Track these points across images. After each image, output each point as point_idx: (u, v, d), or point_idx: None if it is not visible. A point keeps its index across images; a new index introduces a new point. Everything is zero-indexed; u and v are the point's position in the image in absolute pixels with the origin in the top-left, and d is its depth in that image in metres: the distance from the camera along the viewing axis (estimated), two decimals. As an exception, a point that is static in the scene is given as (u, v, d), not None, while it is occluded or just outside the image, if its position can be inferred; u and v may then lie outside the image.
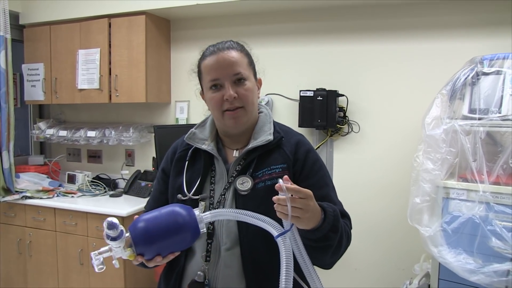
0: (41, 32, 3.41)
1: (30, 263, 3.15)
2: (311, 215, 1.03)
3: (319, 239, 1.07)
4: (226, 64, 1.23)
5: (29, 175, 3.41)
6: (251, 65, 1.30)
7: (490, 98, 1.96)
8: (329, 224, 1.07)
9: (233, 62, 1.23)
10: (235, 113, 1.24)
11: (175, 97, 3.40)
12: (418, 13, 2.64)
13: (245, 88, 1.24)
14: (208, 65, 1.25)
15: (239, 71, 1.23)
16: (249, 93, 1.25)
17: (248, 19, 3.08)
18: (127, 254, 1.01)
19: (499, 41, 2.41)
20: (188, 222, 1.03)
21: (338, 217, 1.12)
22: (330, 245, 1.11)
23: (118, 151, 3.64)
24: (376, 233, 2.79)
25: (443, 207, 2.00)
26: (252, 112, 1.29)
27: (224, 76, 1.23)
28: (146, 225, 1.02)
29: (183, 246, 1.07)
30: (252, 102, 1.27)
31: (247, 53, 1.30)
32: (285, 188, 0.97)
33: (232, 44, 1.28)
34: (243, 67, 1.25)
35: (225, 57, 1.23)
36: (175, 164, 1.35)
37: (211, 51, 1.26)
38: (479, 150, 1.90)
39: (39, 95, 3.45)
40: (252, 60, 1.31)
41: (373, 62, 2.78)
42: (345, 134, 2.87)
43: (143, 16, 3.05)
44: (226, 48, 1.25)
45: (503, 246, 1.79)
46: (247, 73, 1.26)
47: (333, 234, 1.09)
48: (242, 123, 1.27)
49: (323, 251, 1.12)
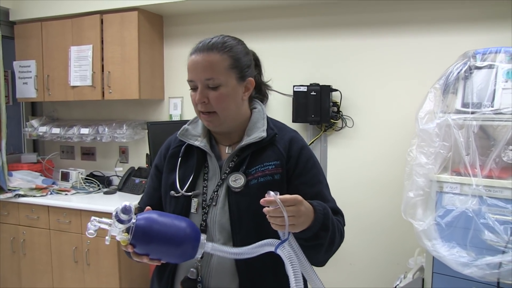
0: (32, 29, 3.38)
1: (24, 261, 3.14)
2: (304, 219, 1.03)
3: (310, 238, 1.07)
4: (200, 67, 1.19)
5: (22, 173, 3.39)
6: (234, 67, 1.22)
7: (483, 92, 1.97)
8: (319, 223, 1.07)
9: (206, 66, 1.18)
10: (208, 116, 1.23)
11: (168, 94, 3.39)
12: (411, 7, 2.64)
13: (218, 93, 1.19)
14: (188, 64, 1.22)
15: (211, 76, 1.18)
16: (222, 98, 1.20)
17: (241, 15, 3.07)
18: (121, 238, 1.02)
19: (491, 36, 2.42)
20: (190, 243, 1.05)
21: (328, 215, 1.12)
22: (321, 243, 1.11)
23: (112, 148, 3.62)
24: (370, 227, 2.80)
25: (437, 201, 2.01)
26: (228, 117, 1.24)
27: (197, 79, 1.20)
28: (153, 225, 1.03)
29: (173, 260, 1.09)
30: (226, 108, 1.22)
31: (231, 54, 1.21)
32: (279, 201, 0.96)
33: (216, 44, 1.21)
34: (218, 71, 1.18)
35: (200, 60, 1.19)
36: (168, 161, 1.34)
37: (196, 48, 1.22)
38: (472, 144, 1.91)
39: (31, 92, 3.42)
40: (238, 61, 1.23)
41: (367, 57, 2.77)
42: (339, 129, 2.87)
43: (135, 12, 3.03)
44: (208, 48, 1.19)
45: (495, 239, 1.81)
46: (223, 77, 1.19)
47: (323, 232, 1.09)
48: (217, 126, 1.26)
49: (315, 250, 1.12)
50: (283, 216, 0.97)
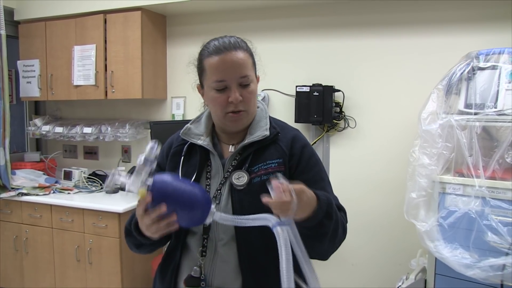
0: (36, 28, 3.40)
1: (26, 260, 3.15)
2: (306, 205, 1.03)
3: (314, 226, 1.08)
4: (233, 66, 1.19)
5: (25, 171, 3.40)
6: (254, 64, 1.27)
7: (486, 93, 1.97)
8: (323, 211, 1.08)
9: (240, 64, 1.20)
10: (238, 115, 1.23)
11: (171, 93, 3.39)
12: (414, 8, 2.64)
13: (250, 90, 1.23)
14: (214, 64, 1.20)
15: (246, 73, 1.21)
16: (252, 95, 1.24)
17: (244, 15, 3.07)
18: (140, 189, 1.04)
19: (495, 36, 2.42)
20: (202, 206, 1.07)
21: (331, 205, 1.13)
22: (325, 232, 1.12)
23: (115, 148, 3.63)
24: (372, 228, 2.80)
25: (439, 202, 2.01)
26: (253, 114, 1.29)
27: (231, 78, 1.20)
28: (171, 179, 1.08)
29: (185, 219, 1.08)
30: (254, 104, 1.28)
31: (251, 52, 1.27)
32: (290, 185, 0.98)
33: (238, 43, 1.23)
34: (249, 68, 1.22)
35: (233, 58, 1.19)
36: (170, 159, 1.34)
37: (216, 48, 1.21)
38: (475, 145, 1.91)
39: (35, 91, 3.44)
40: (254, 59, 1.28)
41: (370, 57, 2.77)
42: (341, 130, 2.87)
43: (139, 12, 3.04)
44: (233, 47, 1.20)
45: (499, 241, 1.80)
46: (252, 74, 1.24)
47: (327, 221, 1.10)
48: (243, 124, 1.27)
49: (318, 239, 1.12)
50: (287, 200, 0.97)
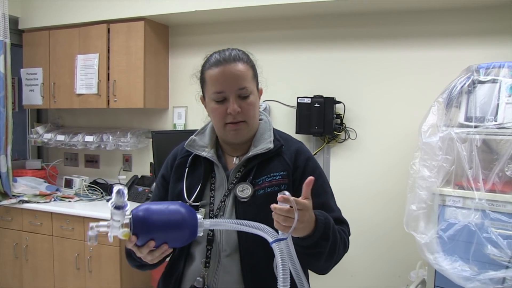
0: (40, 37, 3.42)
1: (26, 267, 3.14)
2: (306, 225, 1.04)
3: (310, 246, 1.08)
4: (231, 78, 1.21)
5: (26, 179, 3.41)
6: (255, 77, 1.29)
7: (486, 106, 1.98)
8: (319, 232, 1.08)
9: (238, 76, 1.22)
10: (237, 126, 1.25)
11: (173, 103, 3.41)
12: (415, 22, 2.67)
13: (249, 102, 1.24)
14: (213, 76, 1.23)
15: (245, 85, 1.22)
16: (251, 107, 1.25)
17: (246, 26, 3.10)
18: (123, 232, 1.02)
19: (495, 50, 2.44)
20: (188, 222, 1.06)
21: (329, 225, 1.12)
22: (321, 252, 1.12)
23: (116, 156, 3.64)
24: (372, 240, 2.80)
25: (439, 214, 2.01)
26: (253, 125, 1.29)
27: (229, 89, 1.21)
28: (150, 211, 1.05)
29: (178, 243, 1.09)
30: (254, 116, 1.27)
31: (252, 64, 1.28)
32: (293, 201, 0.98)
33: (239, 55, 1.25)
34: (248, 80, 1.24)
35: (231, 70, 1.21)
36: (175, 171, 1.35)
37: (217, 60, 1.24)
38: (475, 158, 1.92)
39: (37, 99, 3.45)
40: (256, 72, 1.30)
41: (371, 70, 2.80)
42: (342, 141, 2.89)
43: (142, 22, 3.07)
44: (233, 59, 1.23)
45: (498, 254, 1.81)
46: (252, 86, 1.25)
47: (324, 241, 1.10)
48: (243, 135, 1.28)
49: (315, 257, 1.13)
50: (289, 216, 0.98)
